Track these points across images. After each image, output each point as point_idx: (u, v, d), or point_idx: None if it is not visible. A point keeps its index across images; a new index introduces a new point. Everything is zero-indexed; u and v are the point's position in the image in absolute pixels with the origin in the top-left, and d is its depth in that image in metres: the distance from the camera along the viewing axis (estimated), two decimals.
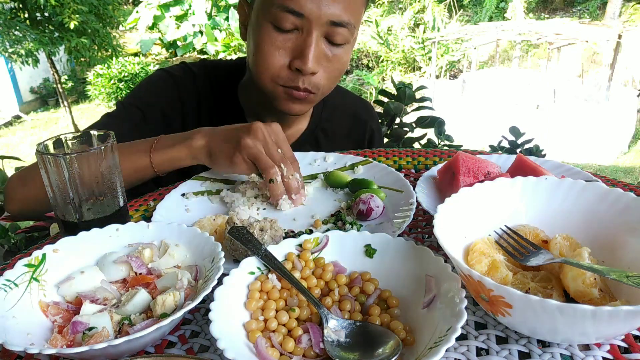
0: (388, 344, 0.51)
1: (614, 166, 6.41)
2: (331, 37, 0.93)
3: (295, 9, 0.87)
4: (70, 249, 0.64)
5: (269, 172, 0.83)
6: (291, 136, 1.19)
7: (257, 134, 0.84)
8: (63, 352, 0.48)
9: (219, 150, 0.86)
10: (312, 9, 0.87)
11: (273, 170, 0.83)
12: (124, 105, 1.09)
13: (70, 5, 6.32)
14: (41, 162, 0.66)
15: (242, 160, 0.84)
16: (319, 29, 0.90)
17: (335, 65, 0.97)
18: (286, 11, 0.88)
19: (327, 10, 0.88)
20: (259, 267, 0.61)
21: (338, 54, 0.96)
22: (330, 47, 0.95)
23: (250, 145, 0.83)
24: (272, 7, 0.89)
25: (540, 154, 2.00)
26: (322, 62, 0.95)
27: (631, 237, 0.59)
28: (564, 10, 12.88)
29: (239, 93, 1.15)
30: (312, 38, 0.90)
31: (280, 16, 0.89)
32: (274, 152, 0.85)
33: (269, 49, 0.92)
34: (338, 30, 0.92)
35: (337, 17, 0.90)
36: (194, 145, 0.88)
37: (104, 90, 8.72)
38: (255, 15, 0.95)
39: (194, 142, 0.88)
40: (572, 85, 8.52)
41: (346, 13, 0.91)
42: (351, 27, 0.93)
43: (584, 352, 0.52)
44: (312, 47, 0.90)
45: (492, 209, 0.66)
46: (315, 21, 0.89)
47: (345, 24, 0.91)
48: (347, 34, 0.93)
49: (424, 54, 9.98)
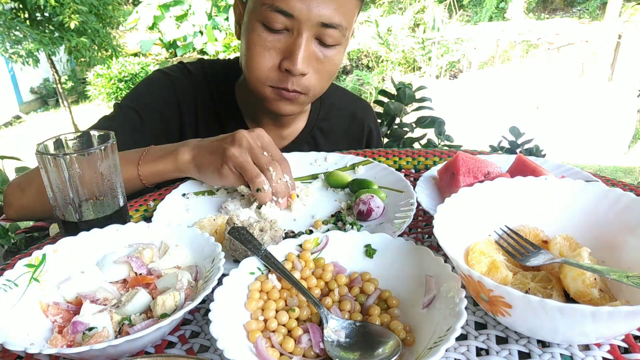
0: (388, 344, 0.51)
1: (614, 166, 6.40)
2: (322, 39, 0.92)
3: (285, 9, 0.87)
4: (70, 249, 0.64)
5: (255, 181, 0.81)
6: (289, 135, 1.19)
7: (241, 142, 0.83)
8: (63, 352, 0.48)
9: (206, 163, 0.85)
10: (301, 10, 0.87)
11: (259, 180, 0.81)
12: (121, 107, 1.09)
13: (70, 5, 6.32)
14: (41, 162, 0.66)
15: (230, 172, 0.83)
16: (309, 30, 0.90)
17: (326, 67, 0.97)
18: (276, 11, 0.88)
19: (317, 11, 0.88)
20: (259, 267, 0.61)
21: (329, 56, 0.95)
22: (321, 48, 0.94)
23: (236, 155, 0.82)
24: (262, 6, 0.89)
25: (540, 154, 2.00)
26: (313, 63, 0.94)
27: (631, 237, 0.59)
28: (564, 10, 12.87)
29: (236, 92, 1.15)
30: (301, 39, 0.90)
31: (270, 16, 0.88)
32: (261, 156, 0.83)
33: (259, 49, 0.92)
34: (329, 32, 0.91)
35: (327, 19, 0.89)
36: (180, 159, 0.87)
37: (104, 91, 8.72)
38: (247, 14, 0.95)
39: (180, 156, 0.87)
40: (572, 85, 8.51)
41: (337, 14, 0.90)
42: (342, 28, 0.92)
43: (584, 352, 0.52)
44: (302, 48, 0.90)
45: (492, 209, 0.66)
46: (305, 22, 0.88)
47: (336, 25, 0.91)
48: (338, 36, 0.93)
49: (424, 54, 9.97)
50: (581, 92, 8.07)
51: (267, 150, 0.86)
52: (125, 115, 1.07)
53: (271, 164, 0.83)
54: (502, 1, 12.11)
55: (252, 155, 0.83)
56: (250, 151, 0.83)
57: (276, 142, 1.18)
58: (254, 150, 0.84)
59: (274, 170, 0.82)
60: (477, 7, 12.21)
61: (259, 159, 0.83)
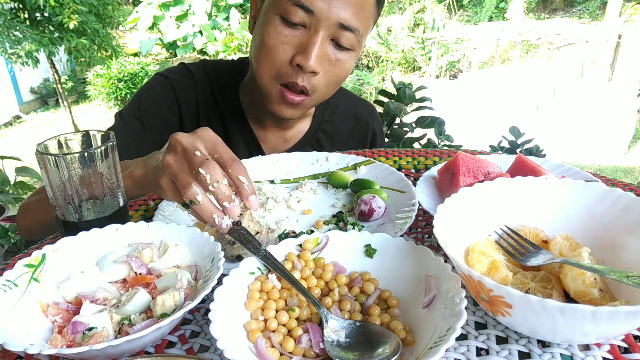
0: (388, 344, 0.51)
1: (614, 166, 6.40)
2: (338, 40, 0.92)
3: (306, 4, 0.87)
4: (70, 249, 0.64)
5: (186, 192, 0.63)
6: (292, 138, 1.19)
7: (175, 147, 0.66)
8: (63, 353, 0.48)
9: (152, 179, 0.71)
10: (322, 8, 0.87)
11: (190, 191, 0.62)
12: (122, 117, 1.09)
13: (70, 6, 6.32)
14: (41, 162, 0.66)
15: (167, 183, 0.67)
16: (327, 29, 0.90)
17: (336, 70, 0.97)
18: (297, 5, 0.88)
19: (337, 11, 0.88)
20: (259, 267, 0.61)
21: (341, 59, 0.95)
22: (335, 50, 0.94)
23: (170, 162, 0.65)
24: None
25: (540, 154, 2.00)
26: (324, 63, 0.94)
27: (631, 237, 0.59)
28: (564, 10, 12.87)
29: (240, 93, 1.15)
30: (318, 36, 0.90)
31: (290, 9, 0.89)
32: (193, 156, 0.64)
33: (274, 42, 0.92)
34: (345, 34, 0.91)
35: (346, 21, 0.90)
36: (135, 175, 0.76)
37: (104, 90, 8.71)
38: (265, 8, 0.94)
39: (135, 172, 0.76)
40: (572, 85, 8.51)
41: (356, 18, 0.91)
42: (359, 34, 0.93)
43: (584, 352, 0.52)
44: (317, 45, 0.90)
45: (492, 209, 0.66)
46: (324, 20, 0.89)
47: (354, 29, 0.91)
48: (354, 40, 0.93)
49: (424, 54, 9.97)
50: (581, 92, 8.07)
51: (214, 151, 0.67)
52: (127, 124, 1.07)
53: (203, 165, 0.63)
54: (502, 1, 12.11)
55: (186, 159, 0.65)
56: (184, 155, 0.66)
57: (280, 145, 1.19)
58: (187, 152, 0.65)
59: (207, 173, 0.62)
60: (477, 7, 12.21)
61: (191, 161, 0.65)
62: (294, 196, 0.88)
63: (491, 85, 8.55)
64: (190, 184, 0.63)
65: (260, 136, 1.16)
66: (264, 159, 1.02)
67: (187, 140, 0.66)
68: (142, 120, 1.08)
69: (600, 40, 8.82)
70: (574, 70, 9.23)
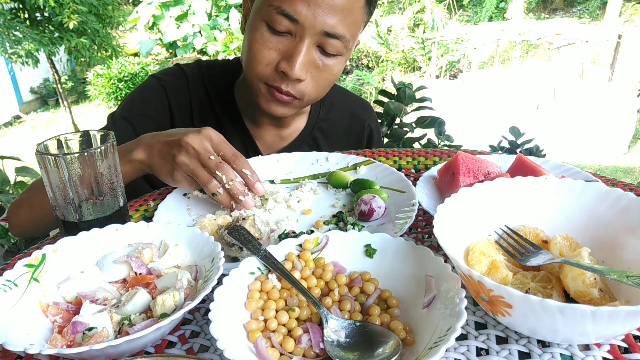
0: (388, 344, 0.51)
1: (614, 166, 6.40)
2: (324, 47, 0.92)
3: (291, 13, 0.87)
4: (70, 249, 0.64)
5: (208, 187, 0.80)
6: (289, 136, 1.19)
7: (187, 149, 0.81)
8: (63, 353, 0.48)
9: (158, 168, 0.84)
10: (307, 16, 0.87)
11: (212, 185, 0.80)
12: (114, 119, 1.09)
13: (70, 6, 6.32)
14: (41, 162, 0.66)
15: (183, 178, 0.83)
16: (312, 37, 0.90)
17: (324, 75, 0.96)
18: (281, 14, 0.88)
19: (322, 20, 0.88)
20: (259, 267, 0.61)
21: (329, 64, 0.95)
22: (321, 56, 0.94)
23: (186, 162, 0.81)
24: (269, 7, 0.89)
25: (540, 154, 2.00)
26: (311, 70, 0.94)
27: (631, 237, 0.59)
28: (564, 10, 12.87)
29: (235, 93, 1.15)
30: (303, 45, 0.90)
31: (275, 18, 0.88)
32: (208, 160, 0.80)
33: (260, 47, 0.92)
34: (331, 41, 0.91)
35: (331, 29, 0.89)
36: (135, 158, 0.85)
37: (104, 91, 8.71)
38: (253, 12, 0.95)
39: (135, 156, 0.85)
40: (572, 85, 8.51)
41: (342, 25, 0.90)
42: (345, 40, 0.92)
43: (584, 352, 0.52)
44: (302, 54, 0.90)
45: (492, 209, 0.66)
46: (308, 29, 0.88)
47: (339, 36, 0.91)
48: (341, 46, 0.93)
49: (423, 54, 9.97)
50: (581, 92, 8.07)
51: (218, 149, 0.83)
52: (118, 126, 1.07)
53: (218, 168, 0.80)
54: (502, 1, 12.11)
55: (200, 160, 0.81)
56: (198, 157, 0.81)
57: (276, 143, 1.19)
58: (201, 155, 0.81)
59: (223, 174, 0.79)
60: (477, 7, 12.21)
61: (207, 164, 0.81)
62: (294, 196, 0.88)
63: (491, 85, 8.55)
64: (211, 180, 0.80)
65: (256, 135, 1.16)
66: (264, 159, 1.02)
67: (197, 143, 0.80)
68: (132, 122, 1.07)
69: (600, 41, 8.82)
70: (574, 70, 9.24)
